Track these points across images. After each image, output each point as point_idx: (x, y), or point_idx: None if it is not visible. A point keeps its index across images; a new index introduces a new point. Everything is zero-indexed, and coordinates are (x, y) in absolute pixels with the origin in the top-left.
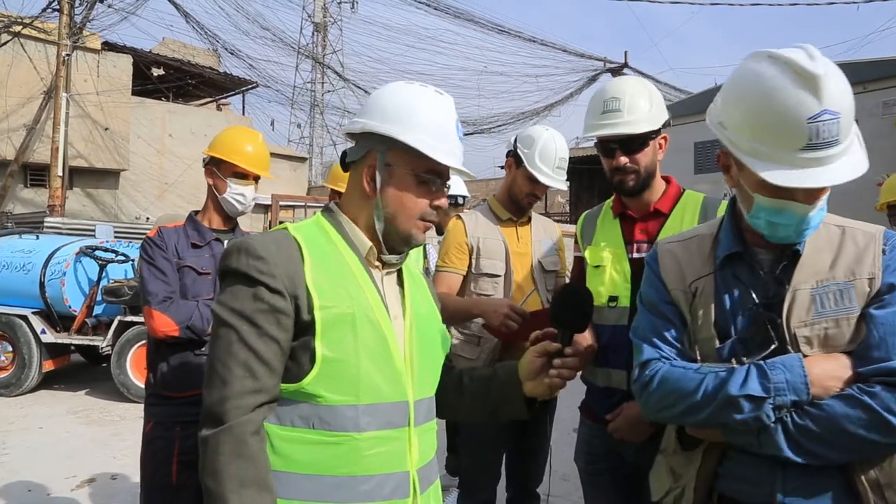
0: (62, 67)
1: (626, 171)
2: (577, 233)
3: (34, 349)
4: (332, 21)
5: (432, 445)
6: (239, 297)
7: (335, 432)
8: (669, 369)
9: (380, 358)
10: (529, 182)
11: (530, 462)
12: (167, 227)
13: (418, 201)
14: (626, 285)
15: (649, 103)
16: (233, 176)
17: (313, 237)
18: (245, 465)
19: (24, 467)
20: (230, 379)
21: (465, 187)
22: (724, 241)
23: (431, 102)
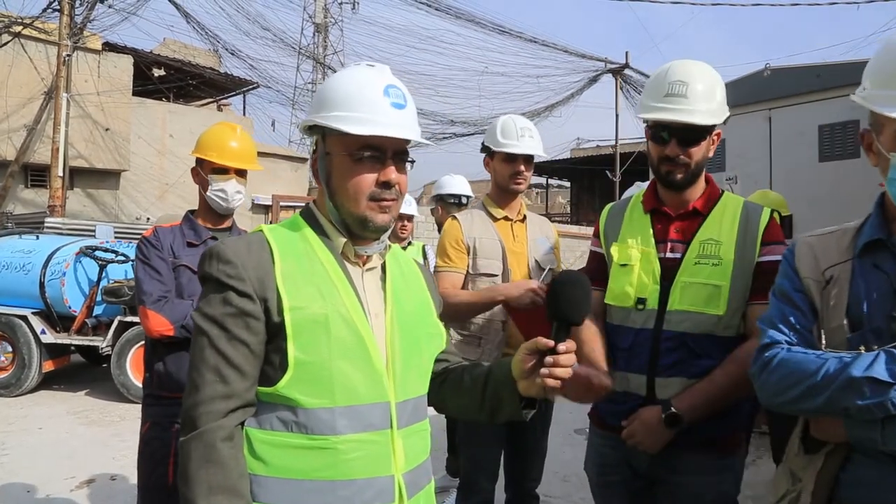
0: (63, 68)
1: (677, 164)
2: (601, 226)
3: (34, 349)
4: (332, 22)
5: (423, 448)
6: (211, 302)
7: (312, 436)
8: (790, 352)
9: (356, 358)
10: (505, 162)
11: (528, 462)
12: (163, 226)
13: (359, 181)
14: (656, 287)
15: (716, 94)
16: (212, 173)
17: (287, 237)
18: (214, 470)
19: (24, 468)
20: (201, 384)
21: (468, 187)
22: (868, 229)
23: (354, 77)
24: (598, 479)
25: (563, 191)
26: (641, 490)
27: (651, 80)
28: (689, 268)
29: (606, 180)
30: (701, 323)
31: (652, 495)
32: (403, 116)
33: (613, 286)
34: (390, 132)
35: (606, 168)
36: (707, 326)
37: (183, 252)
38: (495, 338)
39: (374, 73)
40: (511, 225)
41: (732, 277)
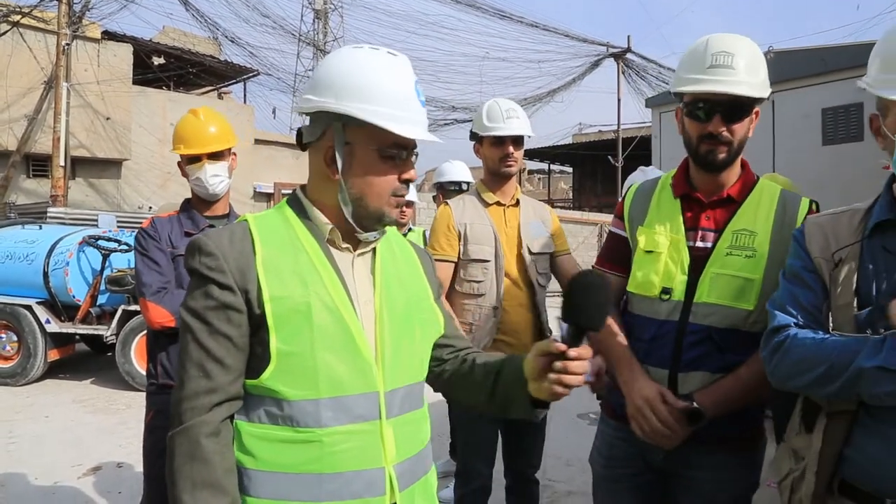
0: (62, 57)
1: (720, 141)
2: (626, 208)
3: (39, 339)
4: (332, 8)
5: (418, 438)
6: (193, 296)
7: (298, 428)
8: (801, 336)
9: (341, 348)
10: (494, 146)
11: (528, 447)
12: (161, 216)
13: (386, 178)
14: (683, 277)
15: (760, 68)
16: (188, 163)
17: (271, 226)
18: (199, 466)
19: (31, 456)
20: (186, 379)
21: (468, 173)
22: (877, 210)
23: (385, 67)
24: (604, 471)
25: (566, 176)
26: (651, 485)
27: (688, 53)
28: (721, 258)
29: (609, 165)
30: (728, 317)
31: (663, 490)
32: (425, 114)
33: (637, 274)
34: (424, 135)
35: (609, 153)
36: (735, 321)
37: (181, 242)
38: (486, 324)
39: (402, 65)
40: (503, 210)
41: (766, 271)
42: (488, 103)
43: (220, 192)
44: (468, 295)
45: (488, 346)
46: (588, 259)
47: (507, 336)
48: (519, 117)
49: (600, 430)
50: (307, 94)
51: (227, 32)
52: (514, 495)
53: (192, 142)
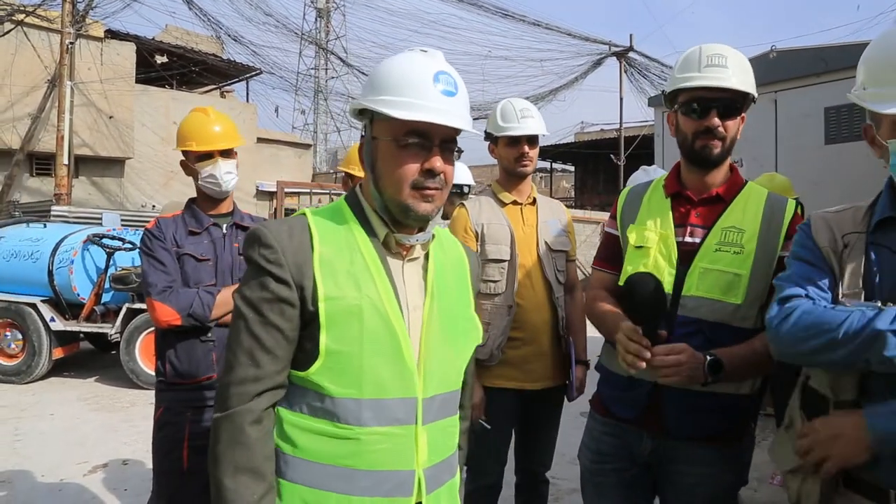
0: (66, 56)
1: (715, 136)
2: (618, 208)
3: (44, 337)
4: (335, 7)
5: (449, 444)
6: (249, 285)
7: (338, 424)
8: (812, 305)
9: (387, 352)
10: (509, 146)
11: (539, 446)
12: (165, 216)
13: (404, 168)
14: (672, 270)
15: (750, 72)
16: (198, 161)
17: (329, 223)
18: (241, 452)
19: (36, 453)
20: (235, 366)
21: (469, 176)
22: (880, 207)
23: (406, 61)
24: (592, 465)
25: (568, 175)
26: (637, 479)
27: (682, 59)
28: (709, 254)
29: (611, 164)
30: (717, 311)
31: (648, 484)
32: (453, 104)
33: (628, 268)
34: (435, 118)
35: (611, 152)
36: (724, 315)
37: (186, 241)
38: (500, 322)
39: (425, 58)
40: (520, 209)
41: (753, 268)
42: (502, 103)
43: (231, 189)
44: (485, 295)
45: (503, 344)
46: (589, 257)
47: (523, 333)
48: (533, 117)
49: (589, 426)
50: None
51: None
52: (523, 493)
53: (205, 139)
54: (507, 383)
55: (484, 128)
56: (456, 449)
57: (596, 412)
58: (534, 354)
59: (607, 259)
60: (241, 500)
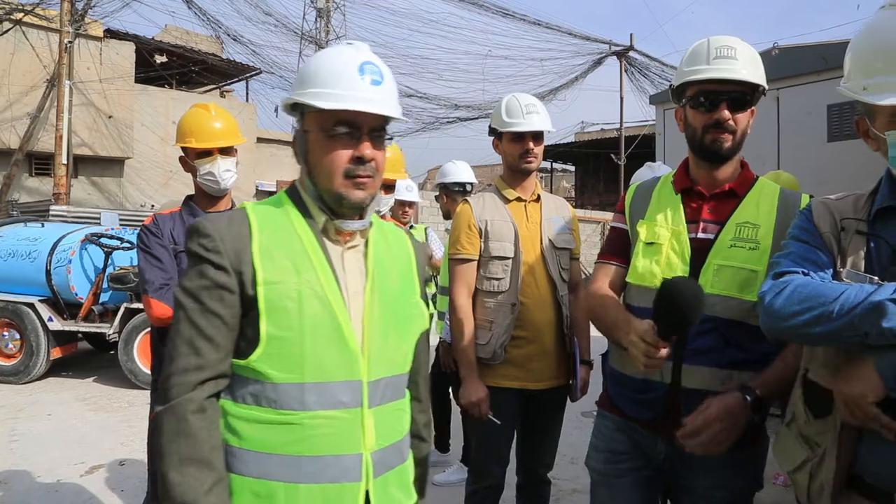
0: (65, 55)
1: (726, 129)
2: (627, 203)
3: (41, 337)
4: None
5: (398, 428)
6: (189, 275)
7: (281, 410)
8: (808, 279)
9: (328, 336)
10: (513, 142)
11: (541, 447)
12: (162, 213)
13: (334, 157)
14: (685, 268)
15: (759, 63)
16: (197, 157)
17: (268, 213)
18: (186, 442)
19: (34, 454)
20: (175, 356)
21: (472, 174)
22: (880, 197)
23: (331, 54)
24: (605, 467)
25: (568, 175)
26: (653, 480)
27: (690, 52)
28: (724, 250)
29: (611, 164)
30: (733, 308)
31: (661, 487)
32: (379, 92)
33: (637, 264)
34: (361, 106)
35: (611, 151)
36: (740, 313)
37: (183, 238)
38: (504, 320)
39: (351, 50)
40: (525, 206)
41: (758, 261)
42: (507, 98)
43: (229, 187)
44: (488, 292)
45: (506, 342)
46: (591, 257)
47: (526, 332)
48: (539, 112)
49: (598, 427)
50: None
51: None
52: (524, 494)
53: (204, 136)
54: (509, 383)
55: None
56: (407, 434)
57: (606, 411)
58: (537, 354)
59: (615, 253)
60: (189, 492)
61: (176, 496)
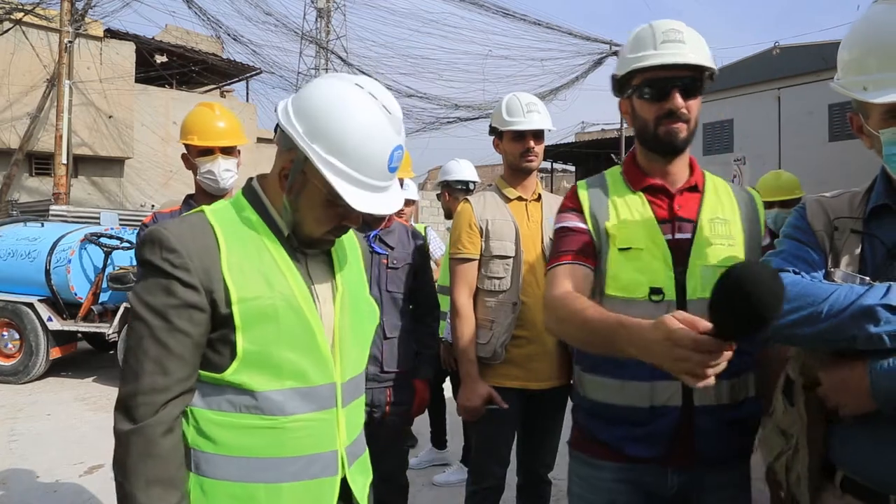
0: (65, 55)
1: (680, 118)
2: (584, 203)
3: (41, 337)
4: (335, 6)
5: (359, 422)
6: (152, 290)
7: (263, 416)
8: (798, 278)
9: (304, 345)
10: (514, 141)
11: (542, 447)
12: (162, 212)
13: (325, 219)
14: (670, 274)
15: (706, 47)
16: (198, 156)
17: (231, 222)
18: (154, 464)
19: (33, 453)
20: (141, 374)
21: (475, 172)
22: (875, 194)
23: (369, 125)
24: None
25: (568, 175)
26: None
27: (633, 38)
28: (704, 249)
29: (611, 164)
30: None
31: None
32: (394, 181)
33: (620, 275)
34: (374, 209)
35: (611, 151)
36: None
37: None
38: (505, 320)
39: (388, 126)
40: (525, 205)
41: (746, 258)
42: (508, 97)
43: (229, 188)
44: (489, 292)
45: (507, 342)
46: None
47: (527, 331)
48: (539, 111)
49: (588, 480)
50: (290, 108)
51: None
52: (525, 494)
53: (207, 134)
54: (510, 382)
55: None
56: (363, 425)
57: (599, 458)
58: (538, 353)
59: (582, 253)
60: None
61: None
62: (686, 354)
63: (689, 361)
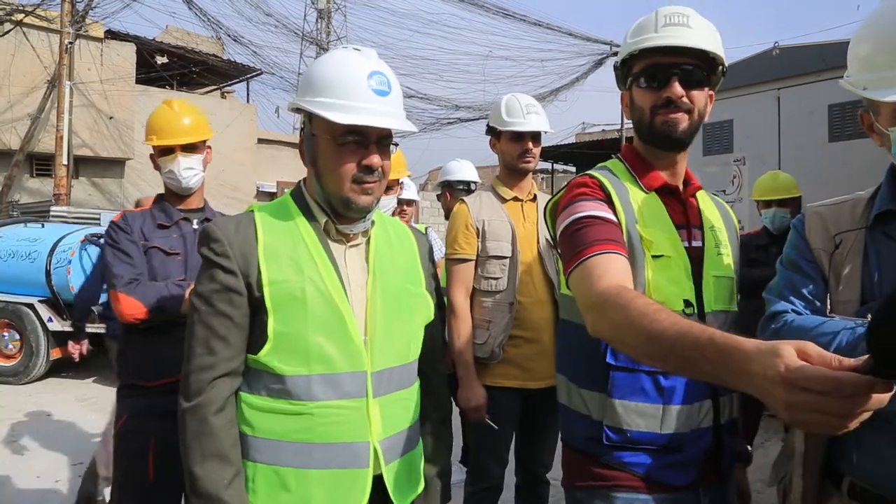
0: (65, 56)
1: (679, 108)
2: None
3: (41, 337)
4: (335, 7)
5: (406, 416)
6: (201, 279)
7: (291, 401)
8: (800, 321)
9: (332, 330)
10: (512, 141)
11: (540, 447)
12: (132, 210)
13: (343, 165)
14: (690, 285)
15: (717, 35)
16: (160, 155)
17: (273, 216)
18: (207, 440)
19: (33, 454)
20: (192, 356)
21: (476, 173)
22: (880, 199)
23: (339, 61)
24: None
25: (569, 176)
26: None
27: (636, 25)
28: (713, 258)
29: None
30: (729, 324)
31: None
32: (387, 103)
33: (660, 285)
34: (371, 121)
35: (612, 152)
36: (729, 327)
37: (153, 234)
38: (502, 320)
39: (359, 57)
40: (521, 205)
41: (735, 268)
42: (507, 98)
43: (193, 186)
44: (486, 292)
45: (504, 341)
46: None
47: (525, 332)
48: (538, 113)
49: None
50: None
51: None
52: (523, 495)
53: (165, 132)
54: (508, 382)
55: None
56: (416, 421)
57: (640, 491)
58: (535, 353)
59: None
60: (211, 485)
61: (199, 489)
62: (819, 402)
63: (824, 411)
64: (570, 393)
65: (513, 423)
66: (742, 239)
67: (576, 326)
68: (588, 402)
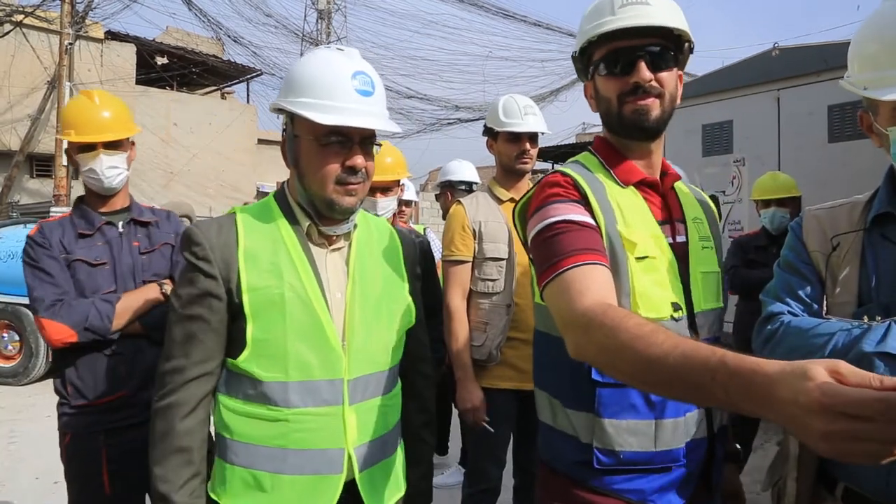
0: (65, 57)
1: (650, 93)
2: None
3: (41, 338)
4: (335, 8)
5: (382, 423)
6: (180, 281)
7: (268, 406)
8: (796, 322)
9: (311, 337)
10: (509, 142)
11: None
12: (49, 221)
13: (327, 166)
14: (678, 284)
15: (681, 13)
16: (79, 152)
17: (255, 218)
18: (171, 440)
19: (32, 455)
20: (167, 357)
21: (476, 173)
22: (878, 202)
23: (323, 61)
24: None
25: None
26: None
27: (590, 9)
28: (698, 253)
29: None
30: (716, 322)
31: None
32: (370, 103)
33: (646, 291)
34: (354, 122)
35: None
36: (717, 326)
37: (75, 245)
38: (499, 322)
39: (342, 57)
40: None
41: (718, 262)
42: (504, 98)
43: (117, 186)
44: (483, 294)
45: (502, 343)
46: None
47: (521, 333)
48: (536, 114)
49: None
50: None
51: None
52: (521, 496)
53: (86, 128)
54: (505, 384)
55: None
56: (393, 428)
57: None
58: (533, 355)
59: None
60: (165, 485)
61: (154, 487)
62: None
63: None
64: (554, 412)
65: (510, 424)
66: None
67: (556, 340)
68: (575, 422)
